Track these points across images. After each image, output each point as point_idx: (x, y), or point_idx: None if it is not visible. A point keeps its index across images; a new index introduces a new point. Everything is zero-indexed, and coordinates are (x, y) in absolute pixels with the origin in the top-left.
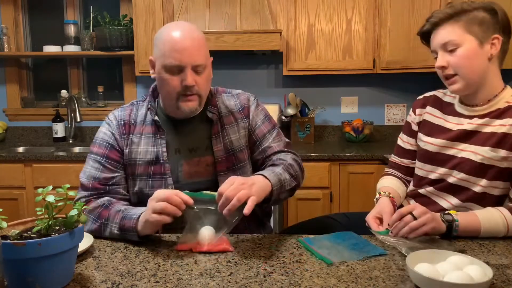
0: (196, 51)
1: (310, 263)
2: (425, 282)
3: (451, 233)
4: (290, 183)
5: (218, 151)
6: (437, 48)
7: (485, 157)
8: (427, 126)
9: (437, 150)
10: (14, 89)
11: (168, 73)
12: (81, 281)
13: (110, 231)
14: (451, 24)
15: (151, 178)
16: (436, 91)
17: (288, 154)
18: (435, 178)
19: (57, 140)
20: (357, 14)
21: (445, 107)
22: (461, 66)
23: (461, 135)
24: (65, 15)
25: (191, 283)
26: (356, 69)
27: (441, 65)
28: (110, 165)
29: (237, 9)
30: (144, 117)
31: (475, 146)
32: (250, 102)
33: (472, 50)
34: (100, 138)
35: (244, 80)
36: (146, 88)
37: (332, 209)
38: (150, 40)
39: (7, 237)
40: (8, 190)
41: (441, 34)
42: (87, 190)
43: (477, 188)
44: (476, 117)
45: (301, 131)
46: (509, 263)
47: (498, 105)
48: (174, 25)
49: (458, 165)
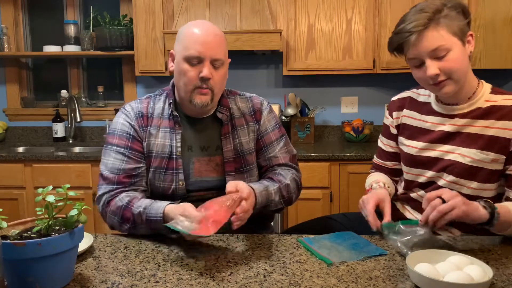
0: (217, 46)
1: (310, 263)
2: (425, 282)
3: (492, 222)
4: (276, 205)
5: (228, 152)
6: (423, 56)
7: (475, 160)
8: (407, 129)
9: (421, 153)
10: (14, 89)
11: (187, 63)
12: (81, 281)
13: (145, 231)
14: (434, 28)
15: (164, 172)
16: (409, 91)
17: (290, 171)
18: (424, 181)
19: (57, 140)
20: (357, 14)
21: (422, 107)
22: (455, 70)
23: (443, 136)
24: (65, 15)
25: (191, 283)
26: (356, 69)
27: (435, 73)
28: (134, 156)
29: (237, 9)
30: (161, 110)
31: (461, 148)
32: (263, 107)
33: (461, 52)
34: (119, 129)
35: (244, 80)
36: (146, 88)
37: (332, 209)
38: (150, 40)
39: (7, 237)
40: (8, 190)
41: (426, 40)
42: (112, 184)
43: (469, 191)
44: (457, 116)
45: (301, 131)
46: (509, 263)
47: (478, 104)
48: (198, 22)
49: (447, 168)
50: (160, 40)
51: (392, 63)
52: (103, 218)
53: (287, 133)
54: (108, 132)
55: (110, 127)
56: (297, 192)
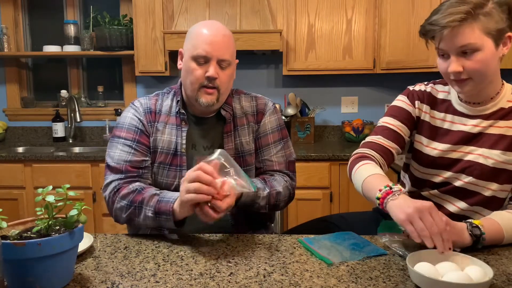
0: (225, 46)
1: (310, 263)
2: (425, 282)
3: (477, 246)
4: (259, 209)
5: (229, 150)
6: (451, 50)
7: (497, 161)
8: (426, 128)
9: (441, 155)
10: (14, 89)
11: (194, 62)
12: (81, 281)
13: (144, 215)
14: (469, 24)
15: (168, 168)
16: (428, 85)
17: (284, 177)
18: (439, 181)
19: (57, 140)
20: (357, 14)
21: (441, 105)
22: (478, 71)
23: (465, 137)
24: (65, 15)
25: (191, 283)
26: (356, 69)
27: (457, 70)
28: (141, 149)
29: (237, 9)
30: (169, 108)
31: (483, 149)
32: (267, 107)
33: (490, 54)
34: (127, 123)
35: (244, 80)
36: (146, 88)
37: (332, 209)
38: (150, 40)
39: (7, 237)
40: (8, 190)
41: (458, 36)
42: (121, 173)
43: (488, 192)
44: (479, 117)
45: (301, 131)
46: (509, 263)
47: (501, 104)
48: (208, 22)
49: (467, 168)
50: (160, 40)
51: (392, 63)
52: (107, 206)
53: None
54: (116, 126)
55: (118, 121)
56: (287, 201)
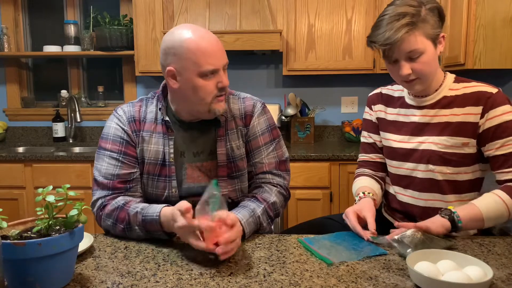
0: (222, 50)
1: (310, 263)
2: (425, 281)
3: (457, 226)
4: (265, 229)
5: (221, 155)
6: (400, 56)
7: (447, 145)
8: (384, 124)
9: (399, 145)
10: (14, 89)
11: (202, 79)
12: (81, 281)
13: (137, 234)
14: (412, 33)
15: (157, 179)
16: (384, 88)
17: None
18: (404, 174)
19: (57, 140)
20: (357, 14)
21: (396, 102)
22: (424, 71)
23: (417, 127)
24: (65, 15)
25: (191, 283)
26: (356, 69)
27: (407, 73)
28: (128, 161)
29: (237, 9)
30: (155, 115)
31: (433, 136)
32: (255, 109)
33: (432, 55)
34: (112, 134)
35: (244, 80)
36: (146, 88)
37: (332, 209)
38: (150, 40)
39: (7, 237)
40: (8, 190)
41: (404, 44)
42: (108, 189)
43: (445, 177)
44: (425, 107)
45: (301, 131)
46: (509, 263)
47: (444, 93)
48: (191, 32)
49: (423, 158)
50: (160, 40)
51: None
52: (97, 223)
53: (287, 134)
54: (101, 136)
55: (103, 131)
56: (284, 204)
